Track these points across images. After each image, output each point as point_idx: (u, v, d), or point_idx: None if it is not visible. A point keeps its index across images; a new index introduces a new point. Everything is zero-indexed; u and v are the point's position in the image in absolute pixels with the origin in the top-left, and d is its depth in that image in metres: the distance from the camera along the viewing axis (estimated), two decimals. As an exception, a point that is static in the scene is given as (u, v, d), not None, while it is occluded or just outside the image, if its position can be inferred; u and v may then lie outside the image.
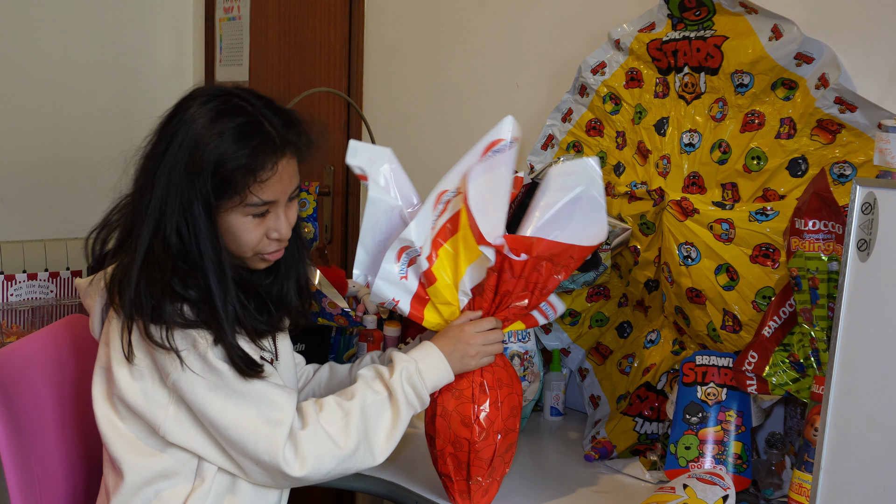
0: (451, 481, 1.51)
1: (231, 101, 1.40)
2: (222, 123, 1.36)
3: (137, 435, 1.42)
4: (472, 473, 1.48)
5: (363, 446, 1.39)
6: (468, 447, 1.47)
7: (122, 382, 1.39)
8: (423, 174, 2.67)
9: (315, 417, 1.38)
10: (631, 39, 1.86)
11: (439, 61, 2.56)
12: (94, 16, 3.38)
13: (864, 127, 1.55)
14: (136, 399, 1.39)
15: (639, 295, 1.91)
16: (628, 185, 1.86)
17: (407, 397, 1.42)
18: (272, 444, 1.34)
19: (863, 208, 1.12)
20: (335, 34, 2.93)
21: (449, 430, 1.48)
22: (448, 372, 1.46)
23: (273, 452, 1.34)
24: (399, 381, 1.42)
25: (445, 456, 1.50)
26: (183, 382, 1.35)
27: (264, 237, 1.42)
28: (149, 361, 1.38)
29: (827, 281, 1.39)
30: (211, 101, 1.39)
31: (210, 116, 1.37)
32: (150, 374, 1.38)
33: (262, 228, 1.42)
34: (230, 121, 1.37)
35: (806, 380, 1.45)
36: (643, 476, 1.69)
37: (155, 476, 1.41)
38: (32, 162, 3.21)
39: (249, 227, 1.41)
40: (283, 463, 1.34)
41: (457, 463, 1.49)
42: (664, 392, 1.82)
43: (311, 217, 2.14)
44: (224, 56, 3.50)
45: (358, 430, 1.38)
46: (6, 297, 2.87)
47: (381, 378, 1.44)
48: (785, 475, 1.57)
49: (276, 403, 1.37)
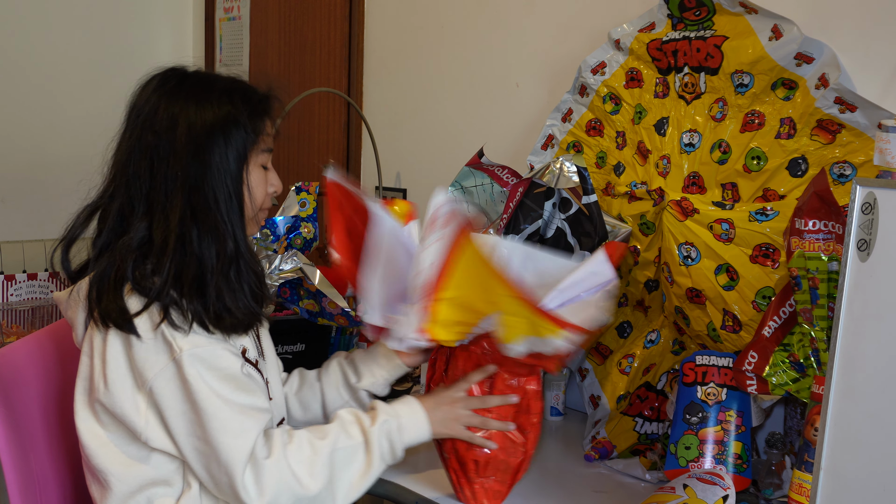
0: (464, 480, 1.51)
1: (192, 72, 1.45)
2: (211, 87, 1.41)
3: (120, 444, 1.39)
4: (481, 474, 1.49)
5: (326, 491, 1.36)
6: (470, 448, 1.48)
7: (101, 389, 1.37)
8: (422, 174, 2.68)
9: (282, 450, 1.34)
10: (631, 39, 1.86)
11: (439, 61, 2.56)
12: (94, 16, 3.38)
13: (864, 127, 1.55)
14: (114, 405, 1.36)
15: (639, 295, 1.91)
16: (628, 185, 1.86)
17: (381, 450, 1.40)
18: (232, 466, 1.31)
19: (863, 208, 1.12)
20: (335, 34, 2.93)
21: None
22: (426, 433, 1.45)
23: (232, 475, 1.31)
24: (378, 432, 1.40)
25: (453, 453, 1.50)
26: (157, 387, 1.33)
27: (266, 194, 1.48)
28: (127, 366, 1.35)
29: (827, 281, 1.39)
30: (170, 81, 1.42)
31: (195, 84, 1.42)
32: (129, 379, 1.35)
33: (266, 183, 1.48)
34: (217, 82, 1.43)
35: (806, 380, 1.45)
36: (643, 476, 1.69)
37: (142, 485, 1.39)
38: (32, 162, 3.21)
39: (262, 180, 1.46)
40: (241, 488, 1.31)
41: (462, 462, 1.50)
42: (664, 392, 1.82)
43: (311, 217, 2.14)
44: (224, 56, 3.50)
45: (324, 474, 1.35)
46: (6, 297, 2.88)
47: (360, 424, 1.41)
48: (785, 475, 1.57)
49: (242, 430, 1.33)
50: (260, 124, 1.44)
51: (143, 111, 1.40)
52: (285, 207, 2.15)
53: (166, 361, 1.32)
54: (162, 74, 1.44)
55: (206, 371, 1.33)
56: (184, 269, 1.35)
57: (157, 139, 1.38)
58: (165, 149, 1.37)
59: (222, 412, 1.32)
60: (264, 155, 1.47)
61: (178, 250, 1.35)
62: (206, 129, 1.38)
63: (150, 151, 1.38)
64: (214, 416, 1.32)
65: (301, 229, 2.12)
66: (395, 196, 2.69)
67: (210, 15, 3.56)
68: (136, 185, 1.38)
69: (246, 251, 1.41)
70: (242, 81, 1.47)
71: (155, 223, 1.36)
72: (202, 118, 1.38)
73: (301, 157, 3.12)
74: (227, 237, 1.38)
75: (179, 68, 1.45)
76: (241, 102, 1.42)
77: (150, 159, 1.38)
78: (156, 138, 1.38)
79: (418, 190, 2.66)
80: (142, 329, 1.33)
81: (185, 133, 1.37)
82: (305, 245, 2.11)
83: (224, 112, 1.39)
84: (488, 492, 1.51)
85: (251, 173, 1.43)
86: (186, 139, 1.37)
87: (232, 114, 1.39)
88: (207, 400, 1.32)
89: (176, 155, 1.37)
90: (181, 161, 1.36)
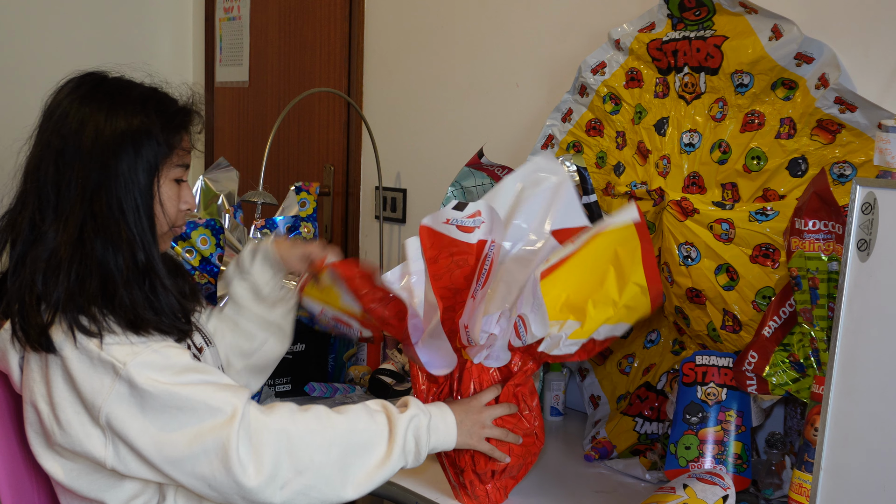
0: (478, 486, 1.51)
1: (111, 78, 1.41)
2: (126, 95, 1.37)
3: (92, 470, 1.33)
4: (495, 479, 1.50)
5: (337, 472, 1.27)
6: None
7: (56, 433, 1.29)
8: (422, 174, 2.68)
9: (289, 415, 1.27)
10: (631, 39, 1.86)
11: (439, 61, 2.56)
12: (94, 16, 3.38)
13: (864, 127, 1.55)
14: (74, 444, 1.28)
15: (639, 295, 1.91)
16: (628, 185, 1.86)
17: (406, 446, 1.32)
18: (222, 444, 1.22)
19: (863, 208, 1.12)
20: (335, 34, 2.93)
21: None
22: (452, 442, 1.40)
23: (226, 455, 1.22)
24: (404, 425, 1.32)
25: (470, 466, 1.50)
26: (112, 413, 1.25)
27: (178, 210, 1.42)
28: (77, 401, 1.28)
29: (827, 281, 1.39)
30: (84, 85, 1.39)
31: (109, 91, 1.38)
32: (83, 415, 1.28)
33: (179, 199, 1.42)
34: (133, 90, 1.39)
35: (806, 380, 1.45)
36: (643, 476, 1.69)
37: (130, 497, 1.35)
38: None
39: (174, 196, 1.40)
40: (236, 465, 1.22)
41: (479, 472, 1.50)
42: (664, 392, 1.82)
43: (310, 217, 2.14)
44: (224, 56, 3.50)
45: (335, 450, 1.27)
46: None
47: (387, 412, 1.34)
48: (785, 475, 1.57)
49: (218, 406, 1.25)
50: (174, 137, 1.38)
51: (55, 115, 1.35)
52: (285, 207, 2.15)
53: (111, 381, 1.25)
54: (79, 78, 1.39)
55: (159, 373, 1.26)
56: (86, 277, 1.29)
57: (63, 143, 1.32)
58: (71, 154, 1.32)
59: (197, 394, 1.25)
60: (178, 170, 1.40)
61: (76, 257, 1.29)
62: (115, 137, 1.32)
63: (56, 156, 1.33)
64: (188, 399, 1.24)
65: (301, 229, 2.12)
66: (395, 196, 2.70)
67: (210, 15, 3.56)
68: (45, 192, 1.32)
69: (160, 266, 1.35)
70: (160, 91, 1.42)
71: (59, 231, 1.30)
72: (112, 126, 1.32)
73: (301, 157, 3.13)
74: (137, 248, 1.31)
75: (98, 73, 1.41)
76: (156, 113, 1.36)
77: (56, 164, 1.32)
78: (62, 142, 1.32)
79: (418, 190, 2.66)
80: (70, 352, 1.27)
81: (92, 139, 1.32)
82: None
83: (136, 122, 1.33)
84: (499, 490, 1.52)
85: (162, 187, 1.37)
86: (92, 145, 1.31)
87: (144, 124, 1.34)
88: (173, 395, 1.24)
89: (81, 160, 1.31)
90: (85, 167, 1.31)
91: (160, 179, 1.37)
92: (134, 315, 1.29)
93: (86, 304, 1.28)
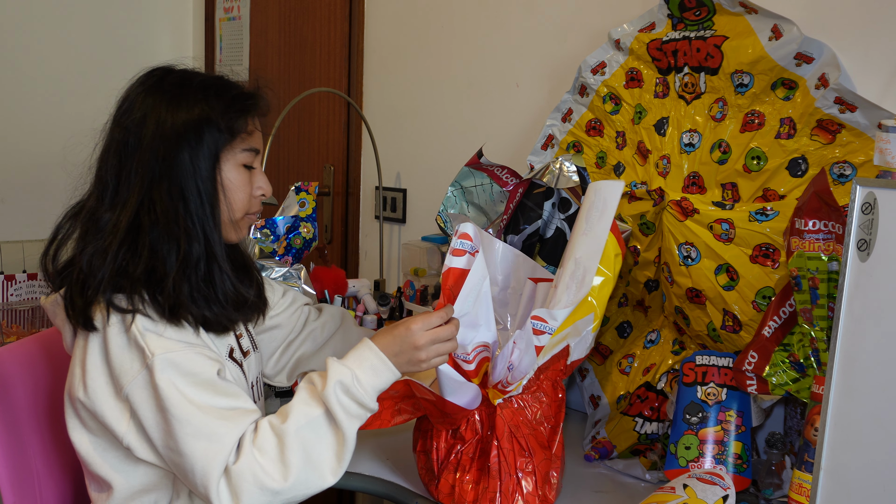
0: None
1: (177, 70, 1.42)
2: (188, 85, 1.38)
3: (112, 449, 1.37)
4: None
5: (307, 472, 1.26)
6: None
7: (80, 392, 1.33)
8: (422, 174, 2.68)
9: (250, 449, 1.26)
10: (631, 39, 1.86)
11: (439, 61, 2.56)
12: (94, 15, 3.38)
13: (864, 127, 1.55)
14: (94, 406, 1.32)
15: (639, 295, 1.91)
16: (628, 185, 1.86)
17: (347, 410, 1.29)
18: (207, 475, 1.25)
19: (863, 208, 1.12)
20: (335, 34, 2.93)
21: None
22: (393, 372, 1.33)
23: (207, 485, 1.24)
24: (333, 393, 1.28)
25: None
26: (133, 396, 1.29)
27: (251, 196, 1.43)
28: (106, 374, 1.31)
29: (827, 281, 1.39)
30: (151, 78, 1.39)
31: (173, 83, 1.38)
32: (109, 387, 1.31)
33: (250, 186, 1.42)
34: (195, 79, 1.39)
35: (806, 380, 1.45)
36: (643, 476, 1.69)
37: (141, 489, 1.37)
38: (32, 162, 3.21)
39: (243, 182, 1.41)
40: (215, 498, 1.24)
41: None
42: (664, 392, 1.82)
43: (310, 217, 2.14)
44: (224, 56, 3.50)
45: (296, 459, 1.26)
46: (6, 297, 2.88)
47: (315, 392, 1.31)
48: (785, 475, 1.57)
49: (217, 434, 1.26)
50: (237, 122, 1.38)
51: (122, 107, 1.38)
52: (285, 207, 2.15)
53: (139, 368, 1.28)
54: (148, 72, 1.41)
55: (179, 377, 1.27)
56: (132, 262, 1.31)
57: (126, 135, 1.35)
58: (133, 145, 1.34)
59: (195, 418, 1.26)
60: (244, 154, 1.41)
61: (127, 241, 1.32)
62: (175, 128, 1.33)
63: (120, 148, 1.35)
64: (187, 421, 1.26)
65: (300, 229, 2.12)
66: (395, 196, 2.69)
67: (210, 15, 3.56)
68: (106, 182, 1.36)
69: (221, 252, 1.36)
70: (223, 78, 1.43)
71: (115, 217, 1.33)
72: (172, 117, 1.34)
73: (301, 157, 3.13)
74: (194, 238, 1.33)
75: (166, 66, 1.42)
76: (216, 99, 1.37)
77: (119, 156, 1.35)
78: (125, 134, 1.35)
79: (418, 190, 2.66)
80: (109, 332, 1.30)
81: (153, 130, 1.33)
82: (305, 245, 2.11)
83: (196, 112, 1.35)
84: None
85: (227, 174, 1.38)
86: (153, 137, 1.33)
87: (204, 112, 1.35)
88: (178, 406, 1.26)
89: (141, 152, 1.33)
90: (145, 158, 1.33)
91: (223, 166, 1.38)
92: (176, 302, 1.31)
93: (127, 285, 1.31)
